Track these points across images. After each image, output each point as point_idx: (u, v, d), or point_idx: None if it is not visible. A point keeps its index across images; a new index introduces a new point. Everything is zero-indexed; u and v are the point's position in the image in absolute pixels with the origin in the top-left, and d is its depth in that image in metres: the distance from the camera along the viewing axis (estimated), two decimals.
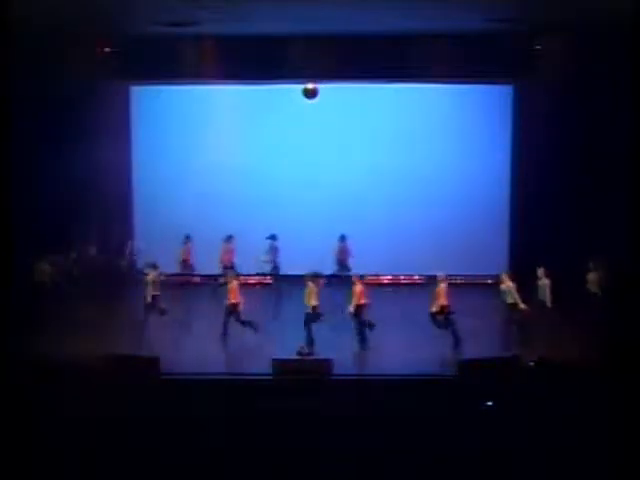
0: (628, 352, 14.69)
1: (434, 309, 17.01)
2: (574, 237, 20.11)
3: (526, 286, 17.67)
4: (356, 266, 21.45)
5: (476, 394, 12.52)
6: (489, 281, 20.70)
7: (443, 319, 17.02)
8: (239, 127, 22.56)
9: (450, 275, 21.44)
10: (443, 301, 16.98)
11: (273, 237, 21.31)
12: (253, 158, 22.50)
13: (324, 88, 19.84)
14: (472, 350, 16.22)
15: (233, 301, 17.25)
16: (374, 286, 21.88)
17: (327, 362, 14.95)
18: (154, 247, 21.25)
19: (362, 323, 16.93)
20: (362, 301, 16.95)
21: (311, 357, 15.71)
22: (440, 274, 17.37)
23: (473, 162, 22.42)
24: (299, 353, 15.84)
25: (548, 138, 20.93)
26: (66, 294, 19.16)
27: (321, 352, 16.12)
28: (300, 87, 19.57)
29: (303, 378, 14.09)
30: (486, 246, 21.86)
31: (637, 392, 12.09)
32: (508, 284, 17.17)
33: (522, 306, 16.90)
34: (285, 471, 10.03)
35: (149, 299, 17.57)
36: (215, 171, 22.56)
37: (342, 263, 21.30)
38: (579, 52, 19.95)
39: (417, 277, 22.34)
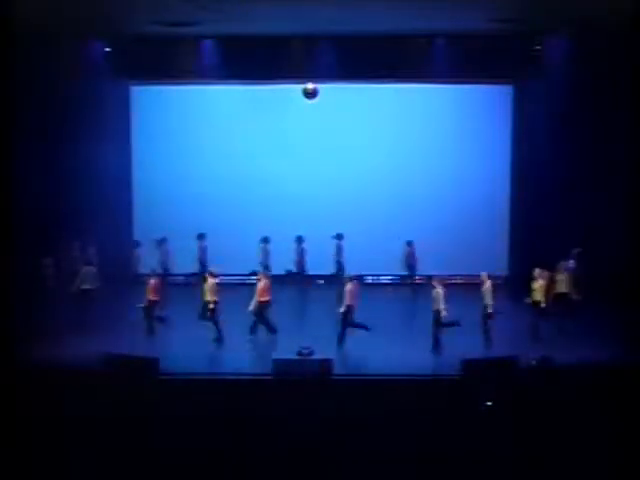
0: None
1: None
2: (574, 237, 20.09)
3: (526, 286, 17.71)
4: (356, 266, 21.55)
5: (477, 394, 12.52)
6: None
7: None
8: (239, 127, 22.54)
9: (450, 275, 21.58)
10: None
11: (339, 236, 21.45)
12: (252, 158, 22.46)
13: (324, 88, 19.83)
14: (475, 350, 16.18)
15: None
16: (375, 286, 22.07)
17: (327, 362, 14.95)
18: (153, 247, 21.36)
19: (262, 320, 17.11)
20: (264, 298, 17.10)
21: (311, 357, 15.68)
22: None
23: (473, 162, 22.42)
24: (299, 353, 15.83)
25: (548, 138, 20.93)
26: (65, 294, 19.12)
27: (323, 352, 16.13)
28: (300, 87, 19.56)
29: (303, 378, 14.07)
30: (486, 246, 21.83)
31: (637, 393, 12.10)
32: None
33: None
34: (285, 471, 10.03)
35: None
36: (215, 171, 22.56)
37: (410, 266, 21.60)
38: (579, 52, 19.97)
39: (417, 277, 22.32)
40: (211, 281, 17.21)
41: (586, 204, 20.30)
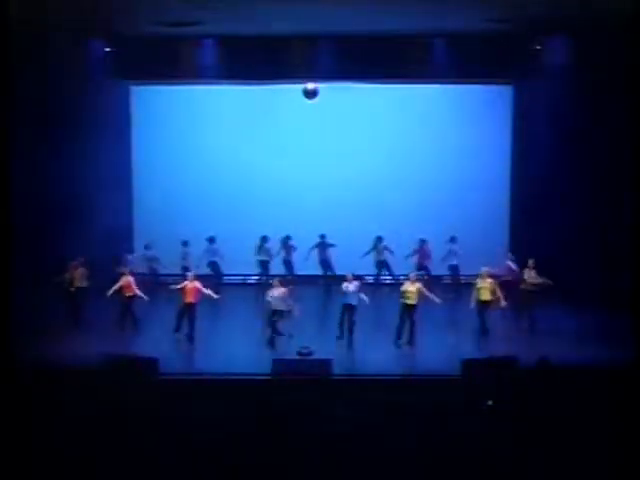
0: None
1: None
2: (574, 236, 20.09)
3: None
4: (357, 266, 21.55)
5: (477, 394, 12.51)
6: None
7: None
8: (239, 127, 22.56)
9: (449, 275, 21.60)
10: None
11: (454, 239, 21.47)
12: (252, 158, 22.48)
13: (324, 88, 19.85)
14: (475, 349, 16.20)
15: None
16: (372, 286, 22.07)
17: (327, 362, 14.94)
18: (154, 247, 21.38)
19: (131, 314, 18.03)
20: (131, 293, 17.99)
21: (311, 357, 15.69)
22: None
23: (473, 162, 22.42)
24: (299, 353, 15.83)
25: (548, 138, 20.93)
26: (65, 293, 19.11)
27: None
28: (300, 87, 19.58)
29: (303, 378, 14.07)
30: (486, 246, 21.81)
31: (637, 392, 12.09)
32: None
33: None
34: (285, 471, 10.02)
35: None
36: (215, 171, 22.60)
37: (422, 266, 21.61)
38: (579, 52, 19.97)
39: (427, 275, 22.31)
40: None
41: (586, 203, 20.29)
